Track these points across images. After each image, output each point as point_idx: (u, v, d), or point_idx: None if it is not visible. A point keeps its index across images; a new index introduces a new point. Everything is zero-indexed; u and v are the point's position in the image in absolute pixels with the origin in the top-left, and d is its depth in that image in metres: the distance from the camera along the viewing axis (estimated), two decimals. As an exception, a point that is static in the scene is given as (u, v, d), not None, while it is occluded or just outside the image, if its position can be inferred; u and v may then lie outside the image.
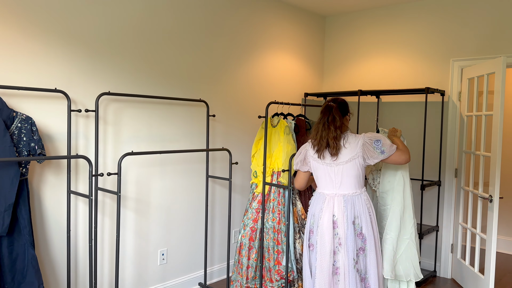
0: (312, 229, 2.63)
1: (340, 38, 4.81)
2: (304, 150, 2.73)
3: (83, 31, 2.82)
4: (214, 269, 3.82)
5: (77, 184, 2.85)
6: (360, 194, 2.56)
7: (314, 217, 2.61)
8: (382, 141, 2.54)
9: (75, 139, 2.81)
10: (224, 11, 3.75)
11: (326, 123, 2.52)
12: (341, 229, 2.49)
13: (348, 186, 2.53)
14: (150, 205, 3.29)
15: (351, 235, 2.48)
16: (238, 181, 3.99)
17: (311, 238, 2.63)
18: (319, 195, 2.63)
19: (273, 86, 4.30)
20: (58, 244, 2.78)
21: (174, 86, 3.40)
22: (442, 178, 4.08)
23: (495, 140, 3.24)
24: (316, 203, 2.63)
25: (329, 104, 2.58)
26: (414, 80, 4.26)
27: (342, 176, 2.53)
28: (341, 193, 2.54)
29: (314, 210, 2.63)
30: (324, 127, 2.52)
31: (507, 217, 4.93)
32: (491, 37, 3.79)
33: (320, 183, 2.64)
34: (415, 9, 4.23)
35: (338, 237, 2.50)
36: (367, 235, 2.52)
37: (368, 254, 2.53)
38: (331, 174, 2.55)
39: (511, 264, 4.55)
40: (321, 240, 2.53)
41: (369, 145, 2.52)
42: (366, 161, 2.53)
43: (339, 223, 2.51)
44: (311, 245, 2.62)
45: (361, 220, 2.52)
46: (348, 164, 2.51)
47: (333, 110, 2.54)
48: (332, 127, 2.50)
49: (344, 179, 2.53)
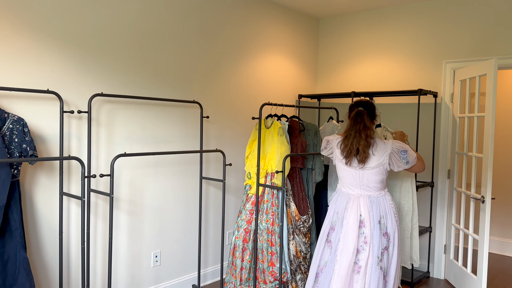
0: (333, 226, 2.66)
1: (334, 40, 4.83)
2: (331, 145, 2.74)
3: (76, 32, 2.81)
4: (208, 271, 3.81)
5: (69, 185, 2.83)
6: (385, 195, 2.63)
7: (337, 215, 2.66)
8: (408, 152, 2.59)
9: (67, 140, 2.79)
10: (219, 12, 3.75)
11: (358, 132, 2.52)
12: (367, 229, 2.55)
13: (372, 188, 2.60)
14: (143, 206, 3.28)
15: (377, 234, 2.54)
16: (232, 183, 3.99)
17: (331, 234, 2.66)
18: (343, 194, 2.68)
19: (267, 87, 4.31)
20: (50, 246, 2.76)
21: (167, 87, 3.39)
22: (435, 179, 4.10)
23: (487, 141, 3.26)
24: (340, 201, 2.67)
25: (360, 110, 2.57)
26: (407, 81, 4.28)
27: (368, 180, 2.58)
28: (367, 194, 2.59)
29: (337, 208, 2.67)
30: (356, 135, 2.52)
31: (499, 218, 4.97)
32: (483, 39, 3.82)
33: (344, 183, 2.68)
34: (408, 12, 4.26)
35: (364, 236, 2.55)
36: (391, 234, 2.59)
37: (392, 252, 2.59)
38: (356, 177, 2.60)
39: (503, 264, 4.58)
40: (345, 238, 2.56)
41: (396, 154, 2.58)
42: (391, 167, 2.61)
43: (365, 222, 2.56)
44: (329, 241, 2.66)
45: (386, 220, 2.59)
46: (374, 169, 2.56)
47: (364, 117, 2.55)
48: (363, 135, 2.51)
49: (369, 183, 2.59)
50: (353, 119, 2.56)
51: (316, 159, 3.52)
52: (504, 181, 4.93)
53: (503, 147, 4.94)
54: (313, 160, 3.53)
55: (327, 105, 4.85)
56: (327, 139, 2.84)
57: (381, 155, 2.56)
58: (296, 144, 3.46)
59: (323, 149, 2.88)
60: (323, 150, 2.88)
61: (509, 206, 4.90)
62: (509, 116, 4.90)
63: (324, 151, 2.87)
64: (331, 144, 2.77)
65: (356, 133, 2.52)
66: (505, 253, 4.91)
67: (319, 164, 3.53)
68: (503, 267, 4.48)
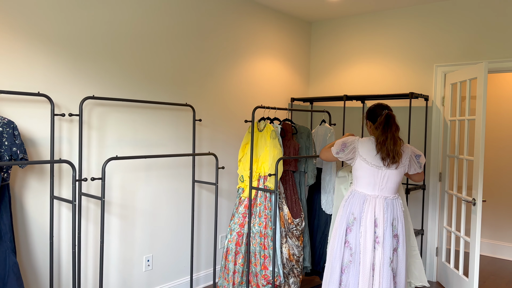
0: (350, 227, 2.71)
1: (326, 44, 4.85)
2: (353, 146, 2.75)
3: (67, 34, 2.79)
4: (200, 275, 3.79)
5: (60, 189, 2.80)
6: (398, 198, 2.73)
7: (353, 215, 2.71)
8: (421, 156, 2.76)
9: (58, 143, 2.77)
10: (212, 16, 3.75)
11: (394, 135, 2.63)
12: (380, 229, 2.63)
13: (390, 190, 2.69)
14: (135, 210, 3.26)
15: (388, 235, 2.63)
16: (225, 186, 3.98)
17: (348, 235, 2.71)
18: (359, 195, 2.72)
19: (259, 91, 4.31)
20: (40, 250, 2.73)
21: (160, 90, 3.38)
22: (426, 182, 4.12)
23: (477, 144, 3.29)
24: (356, 202, 2.72)
25: (390, 114, 2.68)
26: (398, 85, 4.31)
27: (388, 180, 2.67)
28: (383, 195, 2.68)
29: (352, 209, 2.72)
30: (393, 140, 2.62)
31: (490, 220, 5.01)
32: (473, 43, 3.86)
33: (361, 183, 2.72)
34: (399, 16, 4.29)
35: (376, 235, 2.64)
36: (400, 236, 2.70)
37: (400, 254, 2.69)
38: (377, 177, 2.67)
39: (494, 266, 4.61)
40: (364, 238, 2.64)
41: (413, 158, 2.73)
42: (408, 169, 2.72)
43: (379, 223, 2.64)
44: (347, 242, 2.71)
45: (397, 222, 2.69)
46: (396, 170, 2.67)
47: (395, 120, 2.68)
48: (398, 140, 2.64)
49: (388, 184, 2.68)
50: (385, 122, 2.65)
51: (309, 162, 3.53)
52: (495, 184, 4.97)
53: (494, 150, 4.99)
54: (305, 163, 3.53)
55: (319, 108, 4.86)
56: (344, 143, 2.78)
57: (404, 158, 2.70)
58: (289, 147, 3.47)
59: (338, 151, 2.79)
60: (337, 154, 2.79)
61: (500, 208, 4.95)
62: (500, 119, 4.96)
63: (340, 154, 2.78)
64: (351, 146, 2.75)
65: (392, 136, 2.63)
66: (497, 255, 4.95)
67: (312, 167, 3.54)
68: (495, 269, 4.51)
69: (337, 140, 2.84)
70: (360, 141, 2.73)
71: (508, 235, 4.88)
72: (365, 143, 2.71)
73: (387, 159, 2.62)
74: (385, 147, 2.60)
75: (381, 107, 2.74)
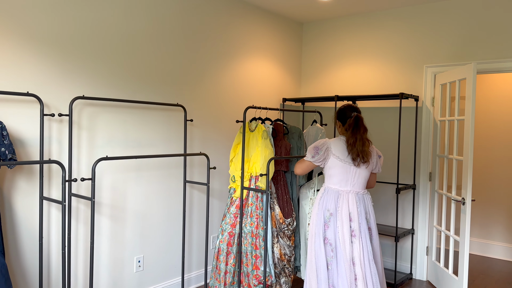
0: (326, 223, 2.80)
1: (317, 45, 4.87)
2: (326, 147, 2.84)
3: (56, 34, 2.77)
4: (191, 275, 3.78)
5: (50, 190, 2.78)
6: (367, 194, 2.90)
7: (329, 211, 2.80)
8: (382, 157, 2.97)
9: (48, 144, 2.74)
10: (203, 16, 3.75)
11: (363, 137, 2.77)
12: (355, 223, 2.74)
13: (360, 185, 2.84)
14: (125, 211, 3.24)
15: (364, 228, 2.76)
16: (216, 186, 3.97)
17: (327, 231, 2.79)
18: (332, 191, 2.82)
19: (251, 91, 4.32)
20: (30, 252, 2.70)
21: (151, 91, 3.37)
22: (416, 182, 4.16)
23: (467, 144, 3.33)
24: (330, 198, 2.82)
25: (359, 116, 2.81)
26: (389, 85, 4.35)
27: (358, 176, 2.81)
28: (355, 190, 2.82)
29: (327, 205, 2.81)
30: (362, 141, 2.76)
31: (479, 220, 5.06)
32: (463, 44, 3.90)
33: (334, 180, 2.83)
34: (389, 17, 4.32)
35: (351, 229, 2.75)
36: (373, 229, 2.84)
37: (375, 245, 2.84)
38: (349, 173, 2.80)
39: (484, 265, 4.66)
40: (342, 233, 2.74)
41: (378, 158, 2.93)
42: (373, 167, 2.89)
43: (353, 217, 2.76)
44: (326, 239, 2.79)
45: (370, 216, 2.84)
46: (365, 168, 2.83)
47: (364, 123, 2.81)
48: (366, 141, 2.79)
49: (358, 180, 2.82)
50: (354, 124, 2.79)
51: (300, 162, 3.54)
52: (484, 183, 5.03)
53: (483, 150, 5.04)
54: (297, 163, 3.54)
55: (311, 108, 4.88)
56: (316, 147, 2.85)
57: (374, 156, 2.88)
58: (280, 147, 3.47)
59: (313, 156, 2.84)
60: (313, 157, 2.85)
61: (489, 207, 5.00)
62: (488, 119, 5.01)
63: (316, 157, 2.84)
64: (323, 147, 2.83)
65: (360, 137, 2.77)
66: (486, 254, 5.00)
67: (303, 167, 3.54)
68: (484, 268, 4.56)
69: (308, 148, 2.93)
70: (332, 141, 2.85)
71: (497, 234, 4.94)
72: (337, 143, 2.83)
73: (357, 159, 2.77)
74: (355, 148, 2.75)
75: (350, 109, 2.84)
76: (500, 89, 4.94)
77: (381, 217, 4.42)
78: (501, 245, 4.90)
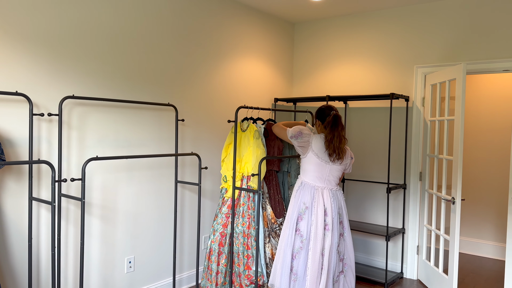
0: (300, 215, 2.95)
1: (309, 45, 4.88)
2: (308, 139, 2.97)
3: (46, 32, 2.74)
4: (183, 276, 3.76)
5: (39, 190, 2.75)
6: (340, 190, 3.08)
7: (304, 204, 2.95)
8: (353, 160, 3.16)
9: (37, 144, 2.71)
10: (195, 16, 3.74)
11: (340, 134, 2.94)
12: (329, 217, 2.91)
13: (333, 182, 3.02)
14: (116, 211, 3.22)
15: (336, 223, 2.94)
16: (208, 186, 3.96)
17: (300, 223, 2.94)
18: (309, 186, 2.97)
19: (243, 91, 4.31)
20: (19, 253, 2.67)
21: (142, 90, 3.35)
22: (407, 181, 4.19)
23: (456, 144, 3.36)
24: (306, 193, 2.97)
25: (337, 114, 2.97)
26: (380, 86, 4.37)
27: (331, 174, 2.99)
28: (329, 187, 2.99)
29: (303, 199, 2.96)
30: (339, 138, 2.93)
31: (469, 219, 5.11)
32: (452, 45, 3.94)
33: (310, 175, 2.98)
34: (380, 18, 4.35)
35: (325, 223, 2.92)
36: (345, 222, 3.03)
37: (347, 238, 3.04)
38: (324, 170, 2.96)
39: (473, 264, 4.71)
40: (315, 226, 2.89)
41: (350, 159, 3.10)
42: (344, 168, 3.06)
43: (328, 212, 2.92)
44: (298, 230, 2.94)
45: (342, 211, 3.03)
46: (339, 166, 3.01)
47: (341, 121, 2.97)
48: (343, 138, 2.96)
49: (331, 177, 3.00)
50: (333, 122, 2.94)
51: (292, 162, 3.54)
52: (474, 183, 5.08)
53: (472, 150, 5.09)
54: (288, 163, 3.55)
55: (302, 108, 4.89)
56: (299, 131, 2.99)
57: (348, 155, 3.05)
58: (273, 147, 3.47)
59: (292, 136, 3.00)
60: (293, 138, 3.00)
61: (479, 207, 5.05)
62: (478, 119, 5.06)
63: (294, 140, 2.99)
64: (305, 138, 2.98)
65: (339, 136, 2.94)
66: (475, 253, 5.05)
67: (295, 167, 3.55)
68: (474, 267, 4.60)
69: (294, 127, 3.06)
70: (314, 137, 2.99)
71: (487, 233, 4.99)
72: (317, 140, 2.98)
73: (333, 155, 2.93)
74: (332, 144, 2.91)
75: (329, 108, 3.01)
76: (489, 89, 4.99)
77: (372, 217, 4.44)
78: (491, 244, 4.96)
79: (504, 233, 4.86)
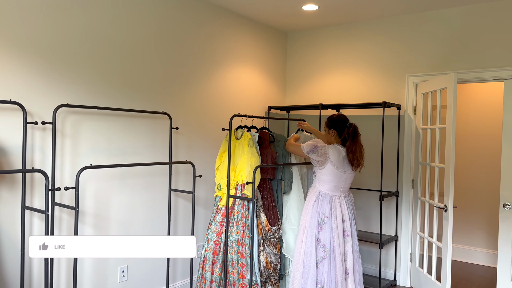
0: (320, 225, 3.04)
1: (302, 54, 4.92)
2: (324, 151, 3.05)
3: (40, 41, 2.74)
4: (176, 285, 3.74)
5: (32, 199, 2.73)
6: (351, 194, 3.23)
7: (324, 214, 3.05)
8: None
9: (30, 152, 2.70)
10: (189, 25, 3.76)
11: (360, 144, 3.09)
12: (348, 223, 3.06)
13: (346, 189, 3.17)
14: (109, 220, 3.20)
15: (354, 227, 3.10)
16: (202, 194, 3.95)
17: (320, 233, 3.03)
18: (326, 196, 3.08)
19: (237, 99, 4.33)
20: (11, 262, 2.64)
21: (135, 98, 3.35)
22: (400, 189, 4.22)
23: (448, 152, 3.39)
24: (325, 203, 3.07)
25: (355, 125, 3.10)
26: (372, 94, 4.41)
27: (346, 182, 3.13)
28: (344, 194, 3.13)
29: (322, 209, 3.05)
30: (359, 148, 3.07)
31: (461, 226, 5.15)
32: (444, 54, 4.00)
33: (328, 185, 3.09)
34: (372, 28, 4.40)
35: (344, 230, 3.05)
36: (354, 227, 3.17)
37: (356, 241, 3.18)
38: (341, 180, 3.09)
39: (466, 271, 4.74)
40: (337, 234, 3.00)
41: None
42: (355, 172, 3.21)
43: (346, 218, 3.07)
44: (319, 240, 3.03)
45: (355, 215, 3.19)
46: (352, 173, 3.14)
47: (359, 131, 3.11)
48: (362, 149, 3.09)
49: (346, 185, 3.14)
50: (353, 134, 3.07)
51: (286, 170, 3.55)
52: (466, 190, 5.13)
53: (464, 157, 5.15)
54: (282, 171, 3.56)
55: (296, 116, 4.91)
56: (314, 144, 3.07)
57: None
58: (266, 155, 3.49)
59: (309, 151, 3.07)
60: (308, 153, 3.08)
61: (470, 214, 5.10)
62: (469, 127, 5.13)
63: (311, 154, 3.07)
64: (322, 150, 3.05)
65: (359, 145, 3.08)
66: (468, 260, 5.09)
67: (289, 175, 3.56)
68: (466, 274, 4.63)
69: (307, 142, 3.15)
70: (330, 148, 3.07)
71: (479, 240, 5.03)
72: (334, 150, 3.06)
73: (355, 164, 3.06)
74: (356, 155, 3.04)
75: (346, 119, 3.15)
76: (480, 98, 5.07)
77: (365, 224, 4.46)
78: (482, 251, 5.00)
79: (495, 240, 4.91)
